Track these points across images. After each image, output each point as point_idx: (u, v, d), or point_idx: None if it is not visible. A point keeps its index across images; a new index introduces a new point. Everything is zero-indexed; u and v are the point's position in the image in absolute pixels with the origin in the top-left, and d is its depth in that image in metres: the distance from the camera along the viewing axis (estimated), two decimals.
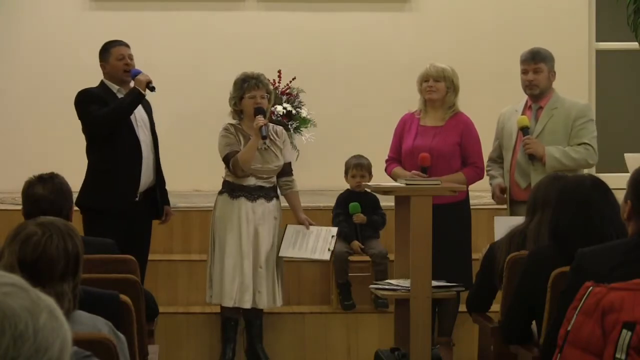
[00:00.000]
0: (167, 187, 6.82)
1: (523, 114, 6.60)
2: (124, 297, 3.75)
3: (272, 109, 9.34)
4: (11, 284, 1.56)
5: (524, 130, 6.45)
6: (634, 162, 9.18)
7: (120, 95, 6.57)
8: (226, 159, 6.72)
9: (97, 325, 3.19)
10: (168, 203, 6.81)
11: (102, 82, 6.66)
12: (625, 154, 9.31)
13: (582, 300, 2.99)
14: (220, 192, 6.83)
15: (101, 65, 6.67)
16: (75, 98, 6.59)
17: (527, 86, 6.58)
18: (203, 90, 9.76)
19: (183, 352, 7.15)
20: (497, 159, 6.77)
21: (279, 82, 9.64)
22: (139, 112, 6.58)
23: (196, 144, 9.64)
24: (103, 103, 6.50)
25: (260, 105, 6.67)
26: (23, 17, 10.01)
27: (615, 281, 3.00)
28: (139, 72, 6.55)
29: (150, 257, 7.43)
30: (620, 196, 4.38)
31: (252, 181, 6.72)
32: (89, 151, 6.60)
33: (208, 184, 7.97)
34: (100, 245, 4.86)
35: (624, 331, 2.86)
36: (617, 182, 6.67)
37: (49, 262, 3.03)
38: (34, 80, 9.98)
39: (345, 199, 7.25)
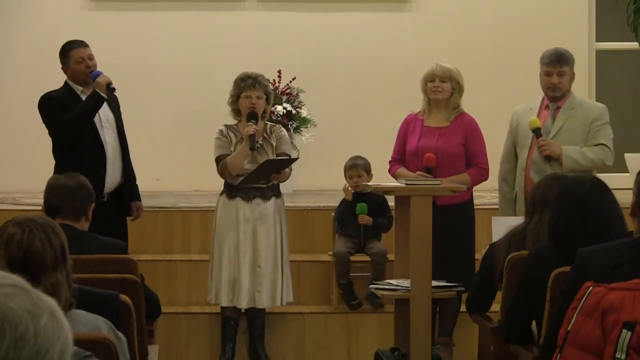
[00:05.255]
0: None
1: (539, 113, 6.54)
2: (124, 297, 3.76)
3: (272, 109, 9.35)
4: (12, 285, 1.56)
5: (536, 131, 6.41)
6: (634, 162, 9.16)
7: (84, 97, 6.45)
8: (216, 162, 6.73)
9: (97, 324, 3.19)
10: (138, 199, 6.66)
11: (65, 83, 6.56)
12: (626, 154, 9.29)
13: (582, 300, 2.99)
14: (221, 193, 6.83)
15: (62, 69, 6.55)
16: (38, 103, 6.52)
17: (551, 88, 6.49)
18: (203, 90, 9.76)
19: (183, 352, 7.15)
20: (508, 175, 6.63)
21: (279, 82, 9.63)
22: (104, 113, 6.47)
23: (196, 144, 9.62)
24: (65, 107, 6.40)
25: (253, 109, 6.65)
26: (23, 17, 10.01)
27: (616, 281, 3.00)
28: (99, 74, 6.40)
29: (150, 257, 7.45)
30: (620, 196, 4.38)
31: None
32: (55, 154, 6.53)
33: (208, 184, 7.96)
34: (112, 246, 4.90)
35: (624, 331, 2.86)
36: (617, 182, 6.66)
37: (37, 256, 3.08)
38: (33, 80, 9.96)
39: (348, 202, 7.19)
